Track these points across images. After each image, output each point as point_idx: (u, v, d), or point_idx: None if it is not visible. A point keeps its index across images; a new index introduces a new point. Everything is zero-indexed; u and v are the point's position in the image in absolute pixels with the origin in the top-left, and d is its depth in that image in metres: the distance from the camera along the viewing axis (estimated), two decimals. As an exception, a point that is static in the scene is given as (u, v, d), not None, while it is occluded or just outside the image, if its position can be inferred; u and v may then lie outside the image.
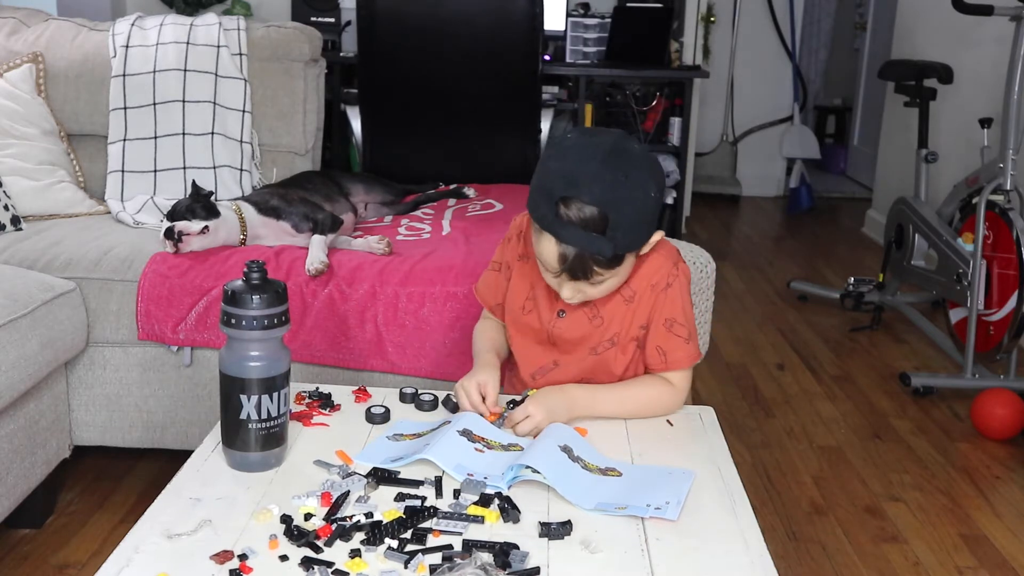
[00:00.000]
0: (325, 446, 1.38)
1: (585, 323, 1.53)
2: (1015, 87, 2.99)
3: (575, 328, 1.53)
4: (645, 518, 1.20)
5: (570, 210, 1.33)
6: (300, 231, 2.31)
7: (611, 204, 1.32)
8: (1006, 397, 2.71)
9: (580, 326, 1.53)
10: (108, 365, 2.18)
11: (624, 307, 1.51)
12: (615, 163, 1.33)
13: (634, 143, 1.39)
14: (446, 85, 3.53)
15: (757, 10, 5.76)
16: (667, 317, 1.50)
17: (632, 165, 1.34)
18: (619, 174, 1.33)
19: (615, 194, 1.33)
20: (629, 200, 1.34)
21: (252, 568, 1.08)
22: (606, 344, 1.53)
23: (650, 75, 4.34)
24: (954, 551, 2.16)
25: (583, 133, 1.40)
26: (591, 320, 1.53)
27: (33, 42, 2.70)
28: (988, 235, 3.01)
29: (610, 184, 1.32)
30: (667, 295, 1.50)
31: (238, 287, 1.28)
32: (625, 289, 1.50)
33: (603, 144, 1.35)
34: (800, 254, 4.76)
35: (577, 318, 1.53)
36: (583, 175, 1.33)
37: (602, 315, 1.52)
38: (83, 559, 2.00)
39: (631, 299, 1.51)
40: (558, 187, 1.34)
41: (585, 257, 1.36)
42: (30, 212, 2.46)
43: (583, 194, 1.32)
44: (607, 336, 1.53)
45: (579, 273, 1.39)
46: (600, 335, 1.53)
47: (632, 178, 1.34)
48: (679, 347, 1.51)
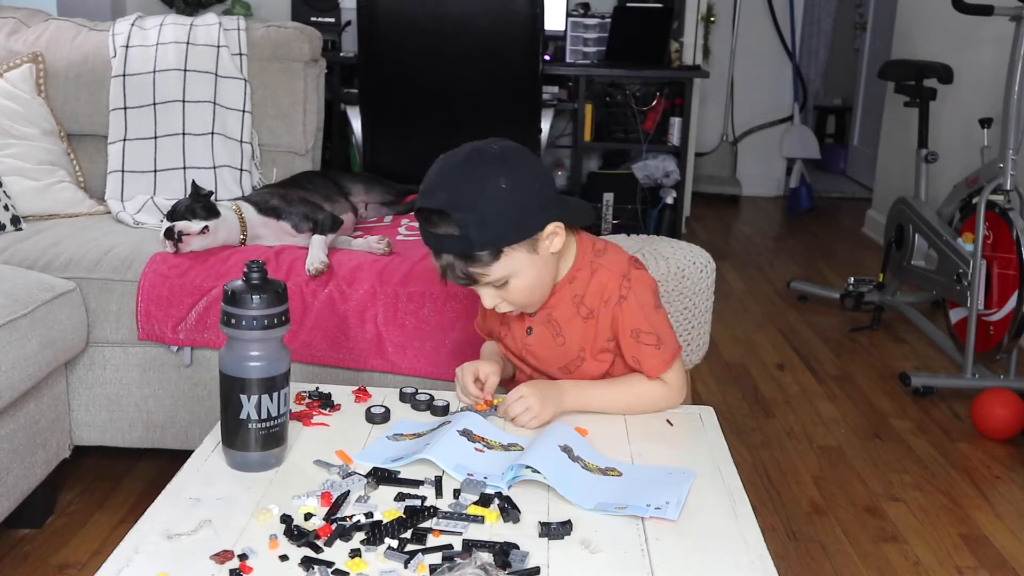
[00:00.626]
0: (325, 446, 1.38)
1: (549, 340, 1.55)
2: (1015, 87, 2.99)
3: (542, 346, 1.56)
4: (645, 518, 1.20)
5: (427, 222, 1.39)
6: (300, 231, 2.31)
7: (456, 205, 1.36)
8: (1006, 397, 2.71)
9: (546, 344, 1.55)
10: (108, 365, 2.18)
11: (583, 324, 1.53)
12: (466, 166, 1.38)
13: (497, 144, 1.41)
14: (446, 85, 3.54)
15: (757, 10, 5.76)
16: (632, 328, 1.51)
17: (482, 163, 1.38)
18: (468, 175, 1.37)
19: (460, 195, 1.36)
20: (473, 196, 1.36)
21: (252, 568, 1.08)
22: (576, 362, 1.55)
23: (650, 75, 4.34)
24: (954, 551, 2.16)
25: (456, 149, 1.43)
26: (554, 338, 1.54)
27: (33, 42, 2.70)
28: (988, 235, 3.01)
29: (453, 186, 1.37)
30: (624, 308, 1.50)
31: (238, 287, 1.28)
32: (581, 307, 1.52)
33: (461, 152, 1.40)
34: (800, 254, 4.76)
35: (542, 336, 1.55)
36: (435, 185, 1.38)
37: (564, 334, 1.54)
38: (83, 559, 2.00)
39: (588, 316, 1.52)
40: (418, 202, 1.41)
41: (454, 260, 1.40)
42: (30, 212, 2.46)
43: (432, 203, 1.37)
44: (573, 354, 1.55)
45: (462, 279, 1.42)
46: (566, 353, 1.55)
47: (479, 176, 1.37)
48: (651, 355, 1.51)
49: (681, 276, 2.16)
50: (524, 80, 3.55)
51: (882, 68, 3.85)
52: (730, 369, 3.19)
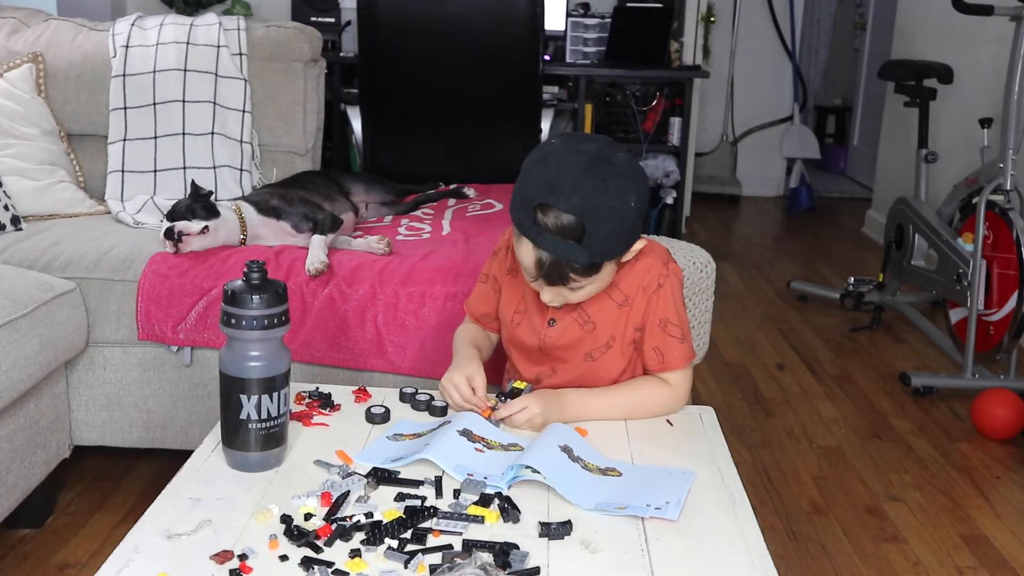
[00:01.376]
0: (325, 446, 1.38)
1: (576, 329, 1.53)
2: (1015, 87, 2.99)
3: (567, 335, 1.54)
4: (645, 518, 1.20)
5: (548, 217, 1.34)
6: (300, 231, 2.31)
7: (589, 213, 1.32)
8: (1006, 397, 2.71)
9: (572, 333, 1.53)
10: (108, 365, 2.18)
11: (616, 311, 1.51)
12: (596, 171, 1.33)
13: (619, 151, 1.38)
14: (447, 85, 3.54)
15: (757, 10, 5.76)
16: (661, 317, 1.51)
17: (613, 174, 1.34)
18: (599, 183, 1.33)
19: (594, 203, 1.33)
20: (608, 210, 1.34)
21: (252, 568, 1.08)
22: (601, 349, 1.54)
23: (650, 75, 4.34)
24: (954, 551, 2.16)
25: (567, 140, 1.40)
26: (582, 326, 1.53)
27: (33, 42, 2.70)
28: (988, 235, 3.01)
29: (589, 193, 1.32)
30: (659, 296, 1.50)
31: (238, 287, 1.28)
32: (616, 293, 1.50)
33: (586, 152, 1.35)
34: (800, 254, 4.76)
35: (568, 325, 1.53)
36: (563, 183, 1.32)
37: (593, 320, 1.52)
38: (83, 559, 2.00)
39: (623, 303, 1.51)
40: (538, 194, 1.34)
41: (561, 264, 1.37)
42: (30, 212, 2.46)
43: (561, 202, 1.32)
44: (601, 341, 1.53)
45: (555, 279, 1.40)
46: (593, 340, 1.53)
47: (612, 187, 1.33)
48: (675, 347, 1.51)
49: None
50: (524, 80, 3.55)
51: (882, 68, 3.85)
52: (730, 369, 3.19)
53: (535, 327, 1.56)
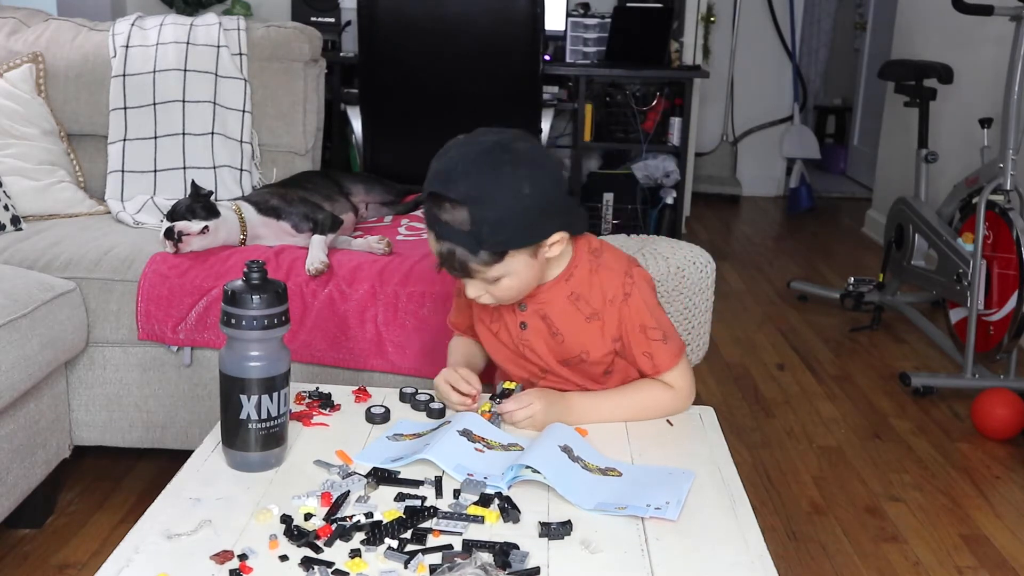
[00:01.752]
0: (325, 446, 1.38)
1: (546, 336, 1.53)
2: (1015, 87, 2.99)
3: (538, 340, 1.53)
4: (645, 518, 1.20)
5: (438, 207, 1.36)
6: (300, 231, 2.31)
7: (474, 200, 1.33)
8: (1006, 397, 2.71)
9: (542, 338, 1.53)
10: (108, 365, 2.18)
11: (585, 325, 1.51)
12: (488, 161, 1.34)
13: (524, 142, 1.39)
14: (447, 85, 3.54)
15: (757, 10, 5.76)
16: (639, 324, 1.50)
17: (507, 162, 1.35)
18: (488, 171, 1.34)
19: (480, 190, 1.33)
20: (496, 197, 1.34)
21: (252, 568, 1.08)
22: (576, 359, 1.54)
23: (650, 75, 4.34)
24: (954, 551, 2.16)
25: (472, 133, 1.42)
26: (552, 336, 1.52)
27: (33, 42, 2.70)
28: (988, 235, 3.01)
29: (475, 180, 1.33)
30: (629, 305, 1.49)
31: (238, 287, 1.28)
32: (583, 305, 1.50)
33: (483, 143, 1.37)
34: (800, 254, 4.76)
35: (538, 330, 1.53)
36: (454, 172, 1.34)
37: (562, 332, 1.51)
38: (83, 559, 2.00)
39: (592, 316, 1.50)
40: (432, 185, 1.36)
41: (455, 253, 1.38)
42: (30, 212, 2.46)
43: (450, 191, 1.34)
44: (574, 352, 1.53)
45: (457, 269, 1.40)
46: (566, 350, 1.53)
47: (504, 175, 1.34)
48: (659, 349, 1.51)
49: (681, 276, 2.16)
50: (524, 80, 3.55)
51: (882, 68, 3.85)
52: (730, 369, 3.19)
53: (512, 333, 1.56)
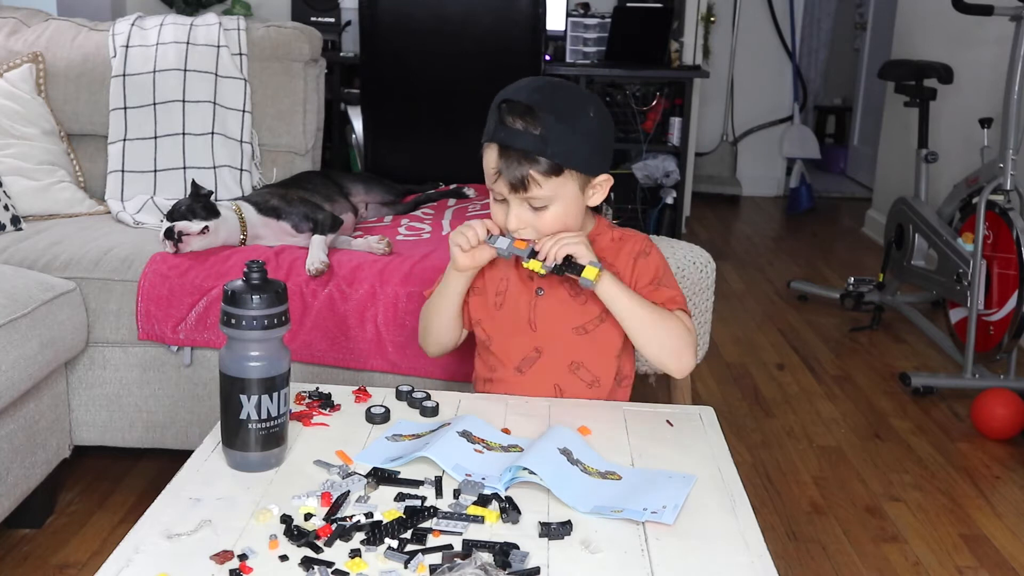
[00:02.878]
0: (325, 446, 1.38)
1: (567, 299, 1.54)
2: (1015, 87, 2.99)
3: (556, 305, 1.54)
4: (641, 521, 1.19)
5: (510, 110, 1.42)
6: (300, 231, 2.31)
7: (546, 107, 1.41)
8: (1006, 397, 2.71)
9: (561, 303, 1.54)
10: (108, 365, 2.18)
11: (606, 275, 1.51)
12: (559, 85, 1.49)
13: (586, 90, 1.53)
14: (448, 85, 3.54)
15: (757, 10, 5.76)
16: (652, 277, 1.54)
17: (576, 90, 1.50)
18: (561, 91, 1.46)
19: (551, 101, 1.43)
20: (565, 110, 1.43)
21: (252, 568, 1.08)
22: (595, 321, 1.54)
23: (650, 75, 4.34)
24: (954, 551, 2.16)
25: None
26: (574, 297, 1.54)
27: (33, 42, 2.70)
28: (988, 235, 3.01)
29: (547, 94, 1.44)
30: (647, 262, 1.55)
31: (238, 287, 1.28)
32: (605, 264, 1.51)
33: (554, 79, 1.51)
34: (800, 254, 4.76)
35: (557, 295, 1.54)
36: (528, 86, 1.45)
37: (584, 292, 1.52)
38: (83, 559, 2.00)
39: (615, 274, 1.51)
40: (504, 95, 1.45)
41: (521, 159, 1.42)
42: (30, 212, 2.46)
43: (520, 96, 1.43)
44: (594, 313, 1.54)
45: (517, 180, 1.43)
46: (586, 312, 1.54)
47: (573, 96, 1.47)
48: (672, 296, 1.54)
49: (681, 276, 2.16)
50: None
51: (882, 68, 3.85)
52: (730, 369, 3.19)
53: (522, 301, 1.56)
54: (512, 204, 1.46)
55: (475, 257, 1.52)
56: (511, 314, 1.57)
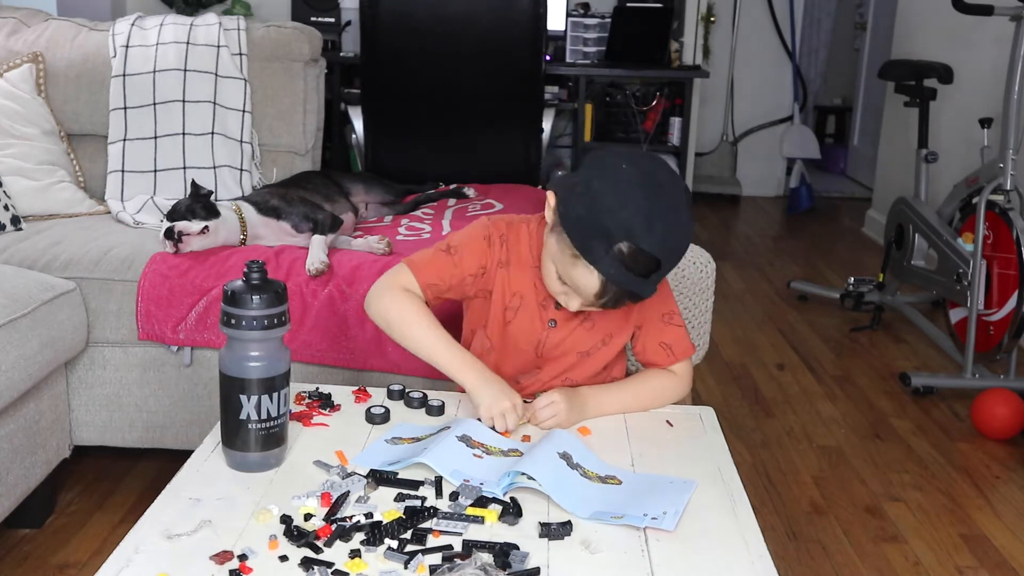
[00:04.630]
0: (325, 446, 1.38)
1: (577, 328, 1.54)
2: (1015, 87, 2.99)
3: (566, 336, 1.55)
4: (641, 527, 1.19)
5: (627, 255, 1.32)
6: (300, 231, 2.31)
7: (667, 252, 1.34)
8: (1006, 397, 2.71)
9: (571, 332, 1.55)
10: (108, 365, 2.18)
11: (615, 310, 1.50)
12: (674, 203, 1.34)
13: (666, 170, 1.38)
14: (449, 85, 3.54)
15: (757, 10, 5.76)
16: (663, 312, 1.54)
17: (683, 202, 1.35)
18: (679, 216, 1.34)
19: (672, 241, 1.34)
20: (681, 243, 1.36)
21: (252, 568, 1.08)
22: (597, 345, 1.56)
23: (650, 75, 4.34)
24: (954, 551, 2.16)
25: (632, 163, 1.36)
26: (582, 323, 1.54)
27: (33, 42, 2.70)
28: (988, 235, 3.01)
29: (667, 230, 1.32)
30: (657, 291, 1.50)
31: (238, 287, 1.28)
32: None
33: (652, 179, 1.34)
34: (800, 254, 4.76)
35: (570, 327, 1.55)
36: (643, 219, 1.31)
37: (592, 318, 1.54)
38: (83, 559, 2.00)
39: None
40: (618, 231, 1.31)
41: (625, 294, 1.37)
42: (30, 212, 2.46)
43: (643, 242, 1.31)
44: (598, 339, 1.55)
45: (612, 306, 1.40)
46: (591, 337, 1.55)
47: (684, 219, 1.35)
48: (681, 337, 1.55)
49: (681, 276, 2.16)
50: (526, 80, 3.55)
51: (882, 68, 3.85)
52: (730, 369, 3.19)
53: (532, 328, 1.55)
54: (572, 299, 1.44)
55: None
56: (518, 335, 1.56)
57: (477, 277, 1.56)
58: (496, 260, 1.55)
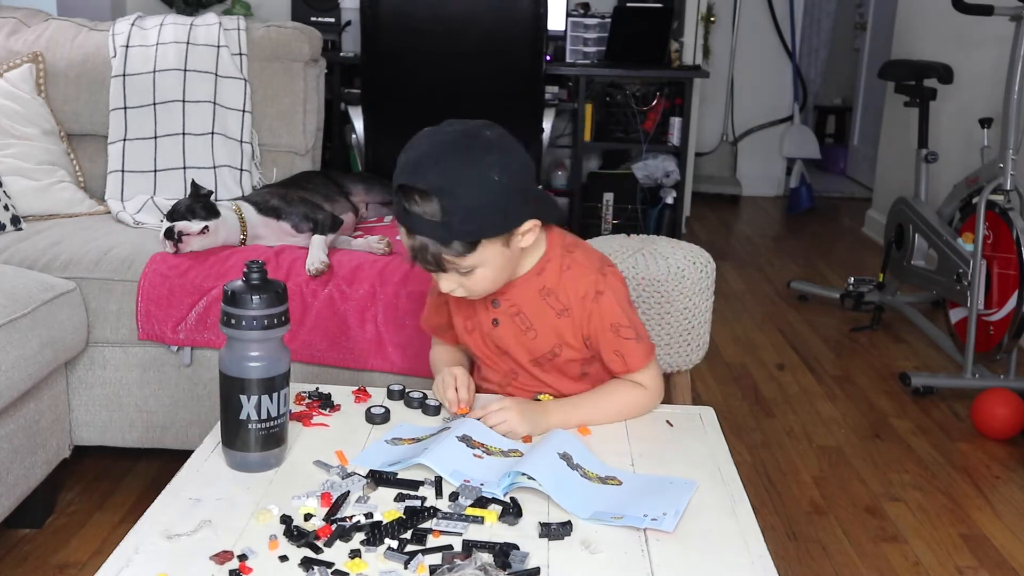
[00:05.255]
0: (325, 446, 1.38)
1: (518, 333, 1.53)
2: (1015, 87, 2.99)
3: (509, 337, 1.54)
4: (641, 528, 1.19)
5: (408, 200, 1.34)
6: (300, 231, 2.31)
7: (444, 190, 1.32)
8: (1006, 397, 2.71)
9: (513, 335, 1.53)
10: (108, 365, 2.18)
11: (557, 321, 1.51)
12: (456, 149, 1.34)
13: (491, 129, 1.38)
14: (450, 85, 3.54)
15: (757, 10, 5.76)
16: (611, 323, 1.49)
17: (475, 148, 1.34)
18: (458, 159, 1.33)
19: (449, 179, 1.32)
20: (465, 184, 1.32)
21: (252, 568, 1.08)
22: (548, 356, 1.54)
23: (650, 75, 4.34)
24: (954, 551, 2.16)
25: (440, 124, 1.40)
26: (524, 332, 1.53)
27: (33, 42, 2.70)
28: (988, 235, 3.01)
29: (445, 169, 1.32)
30: (600, 304, 1.49)
31: (238, 287, 1.28)
32: (553, 301, 1.50)
33: (451, 132, 1.36)
34: (800, 254, 4.76)
35: (508, 327, 1.53)
36: (423, 162, 1.33)
37: (534, 328, 1.52)
38: (83, 559, 2.00)
39: (563, 312, 1.50)
40: (400, 177, 1.35)
41: (427, 246, 1.36)
42: (30, 212, 2.46)
43: (418, 181, 1.32)
44: (545, 348, 1.53)
45: (431, 263, 1.39)
46: (538, 346, 1.53)
47: (472, 162, 1.33)
48: (632, 349, 1.50)
49: (681, 276, 2.16)
50: (527, 79, 3.55)
51: (882, 68, 3.85)
52: (730, 369, 3.19)
53: (483, 330, 1.56)
54: (437, 275, 1.43)
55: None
56: (479, 339, 1.58)
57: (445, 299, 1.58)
58: None
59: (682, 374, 2.31)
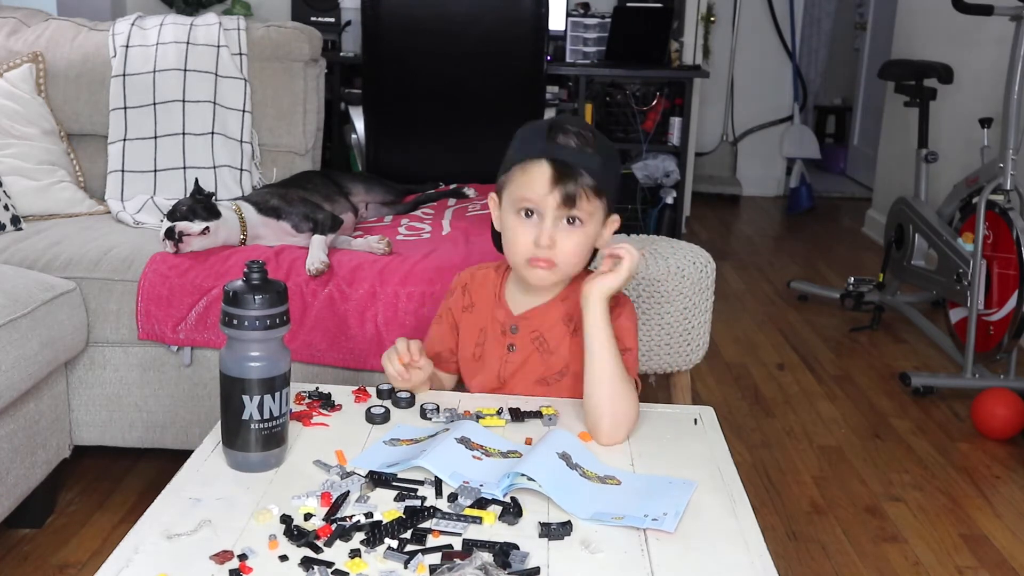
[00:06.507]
0: (325, 446, 1.38)
1: (535, 355, 1.55)
2: (1015, 87, 2.99)
3: (523, 361, 1.56)
4: (641, 528, 1.19)
5: (561, 132, 1.45)
6: (300, 231, 2.31)
7: (590, 136, 1.47)
8: (1006, 397, 2.71)
9: (528, 359, 1.56)
10: (108, 365, 2.18)
11: (572, 339, 1.53)
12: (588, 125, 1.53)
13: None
14: (450, 85, 3.54)
15: (757, 10, 5.76)
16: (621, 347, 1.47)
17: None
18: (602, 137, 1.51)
19: (592, 133, 1.48)
20: (603, 143, 1.48)
21: (252, 568, 1.08)
22: (555, 376, 1.56)
23: (650, 75, 4.34)
24: (954, 551, 2.16)
25: None
26: (542, 354, 1.55)
27: (33, 42, 2.70)
28: (988, 235, 3.01)
29: (587, 128, 1.49)
30: (618, 319, 1.49)
31: (238, 287, 1.28)
32: (570, 324, 1.53)
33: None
34: (800, 254, 4.76)
35: (526, 351, 1.56)
36: (579, 122, 1.52)
37: (551, 347, 1.55)
38: (83, 559, 2.00)
39: (577, 330, 1.51)
40: (548, 124, 1.48)
41: (576, 174, 1.43)
42: (30, 212, 2.46)
43: (571, 125, 1.47)
44: (556, 368, 1.55)
45: (571, 190, 1.43)
46: (548, 366, 1.55)
47: (601, 135, 1.51)
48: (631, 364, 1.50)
49: (681, 276, 2.16)
50: (528, 79, 3.55)
51: (882, 68, 3.85)
52: (730, 369, 3.19)
53: (496, 356, 1.58)
54: (548, 220, 1.44)
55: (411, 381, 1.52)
56: (486, 365, 1.60)
57: (453, 327, 1.64)
58: (460, 307, 1.63)
59: (682, 374, 2.31)
